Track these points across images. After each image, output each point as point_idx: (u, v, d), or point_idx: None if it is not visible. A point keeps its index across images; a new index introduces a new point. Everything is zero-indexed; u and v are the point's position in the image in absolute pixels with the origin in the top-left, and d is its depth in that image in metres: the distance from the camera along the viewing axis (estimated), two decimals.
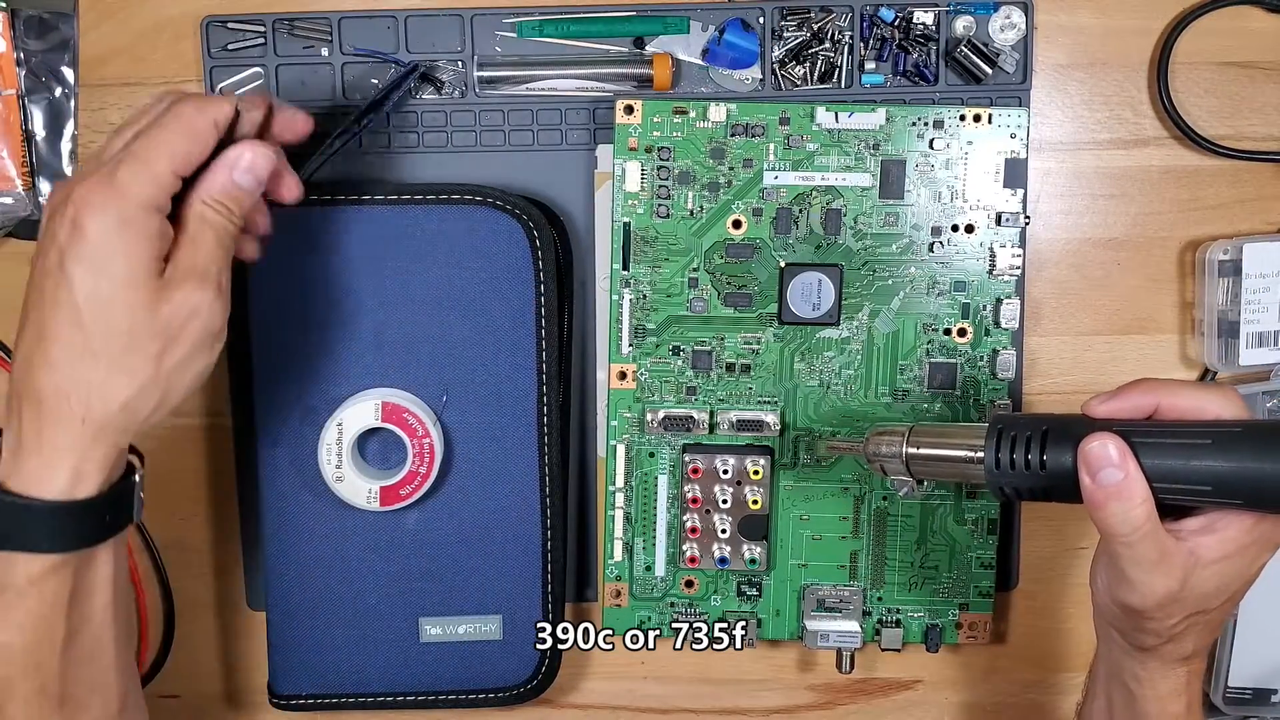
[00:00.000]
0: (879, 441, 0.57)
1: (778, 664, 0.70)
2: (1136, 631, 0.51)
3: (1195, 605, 0.49)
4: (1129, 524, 0.47)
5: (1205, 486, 0.47)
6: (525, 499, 0.64)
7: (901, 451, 0.56)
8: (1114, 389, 0.51)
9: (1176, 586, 0.48)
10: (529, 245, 0.62)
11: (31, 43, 0.65)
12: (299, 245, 0.62)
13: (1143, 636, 0.51)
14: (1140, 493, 0.47)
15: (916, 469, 0.56)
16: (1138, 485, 0.47)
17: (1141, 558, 0.48)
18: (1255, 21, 0.65)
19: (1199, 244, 0.66)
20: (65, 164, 0.66)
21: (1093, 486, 0.48)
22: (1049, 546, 0.69)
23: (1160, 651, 0.52)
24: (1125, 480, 0.47)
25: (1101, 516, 0.48)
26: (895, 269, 0.63)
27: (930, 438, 0.55)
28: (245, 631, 0.70)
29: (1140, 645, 0.52)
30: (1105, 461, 0.47)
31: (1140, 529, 0.47)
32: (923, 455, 0.55)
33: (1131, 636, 0.52)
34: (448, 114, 0.64)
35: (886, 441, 0.56)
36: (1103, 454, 0.48)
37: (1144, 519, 0.47)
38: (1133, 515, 0.47)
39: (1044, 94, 0.65)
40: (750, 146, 0.62)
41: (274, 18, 0.64)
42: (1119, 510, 0.47)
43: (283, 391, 0.63)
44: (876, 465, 0.57)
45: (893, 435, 0.56)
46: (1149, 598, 0.49)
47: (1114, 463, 0.47)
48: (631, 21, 0.64)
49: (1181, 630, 0.50)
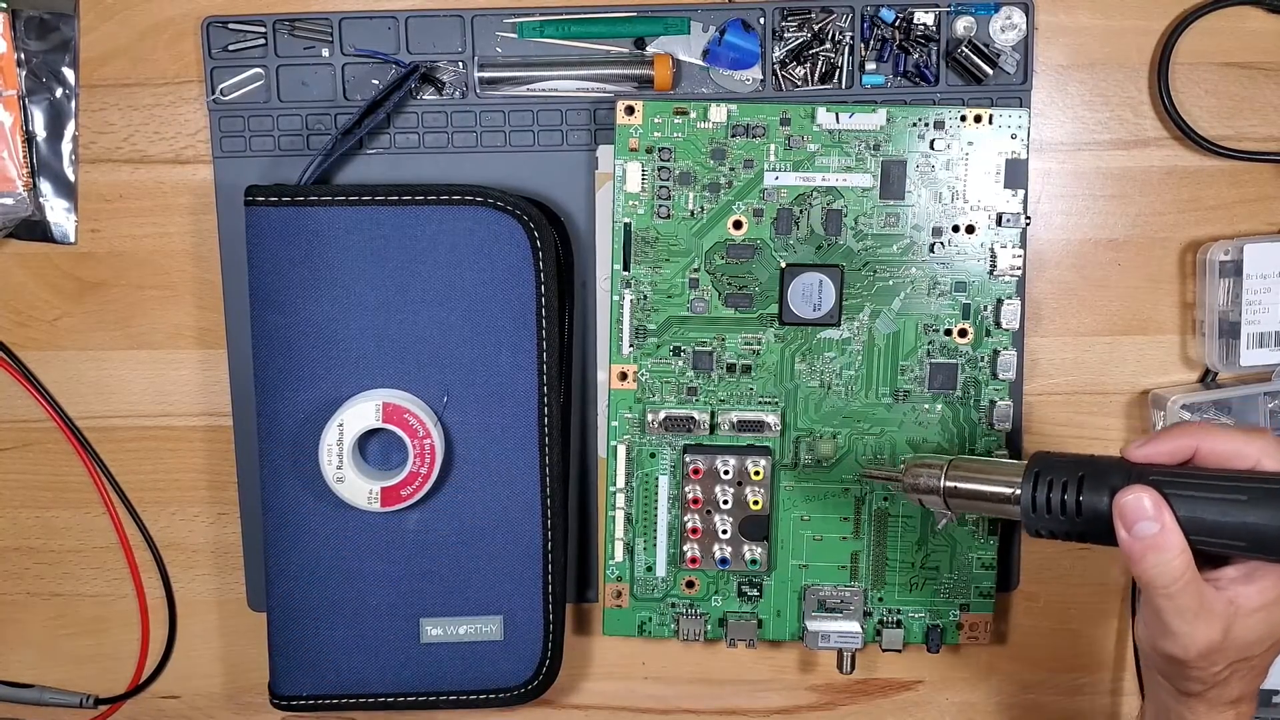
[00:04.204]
0: (917, 474, 0.56)
1: (778, 664, 0.70)
2: (1180, 679, 0.51)
3: (1238, 653, 0.49)
4: (1167, 575, 0.47)
5: (1240, 542, 0.47)
6: (526, 499, 0.64)
7: (940, 485, 0.56)
8: (1152, 433, 0.51)
9: (1219, 636, 0.48)
10: (529, 246, 0.62)
11: (32, 43, 0.65)
12: (300, 245, 0.62)
13: (1187, 684, 0.51)
14: (1177, 544, 0.47)
15: (954, 504, 0.56)
16: (1174, 537, 0.47)
17: (1182, 608, 0.48)
18: (1255, 22, 0.64)
19: (1199, 244, 0.66)
20: (66, 164, 0.66)
21: (1129, 539, 0.48)
22: (1049, 547, 0.69)
23: (1206, 696, 0.51)
24: (1161, 533, 0.47)
25: (1140, 569, 0.48)
26: (896, 269, 0.63)
27: (968, 473, 0.55)
28: (245, 631, 0.70)
29: (1186, 691, 0.52)
30: (1140, 514, 0.47)
31: (1179, 580, 0.47)
32: (961, 490, 0.55)
33: (1177, 683, 0.52)
34: (448, 114, 0.64)
35: (925, 474, 0.56)
36: (1138, 507, 0.47)
37: (1182, 570, 0.47)
38: (1171, 566, 0.47)
39: (1044, 94, 0.65)
40: (751, 147, 0.62)
41: (274, 18, 0.64)
42: (1156, 562, 0.47)
43: (283, 392, 0.63)
44: (914, 498, 0.57)
45: (931, 469, 0.56)
46: (1190, 648, 0.48)
47: (1149, 515, 0.47)
48: (632, 22, 0.64)
49: (1226, 676, 0.50)
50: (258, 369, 0.63)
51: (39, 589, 0.71)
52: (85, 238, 0.67)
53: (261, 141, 0.65)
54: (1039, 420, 0.67)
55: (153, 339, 0.68)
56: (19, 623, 0.71)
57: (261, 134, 0.65)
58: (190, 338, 0.68)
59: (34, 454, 0.69)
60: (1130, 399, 0.67)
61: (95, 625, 0.71)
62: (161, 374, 0.68)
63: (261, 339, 0.62)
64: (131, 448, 0.69)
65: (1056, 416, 0.67)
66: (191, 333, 0.67)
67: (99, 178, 0.66)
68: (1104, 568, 0.69)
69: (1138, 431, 0.67)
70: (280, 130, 0.65)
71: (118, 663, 0.71)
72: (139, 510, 0.69)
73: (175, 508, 0.69)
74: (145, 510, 0.69)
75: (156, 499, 0.69)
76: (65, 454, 0.69)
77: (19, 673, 0.72)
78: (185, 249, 0.67)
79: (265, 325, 0.62)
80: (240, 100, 0.64)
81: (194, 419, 0.68)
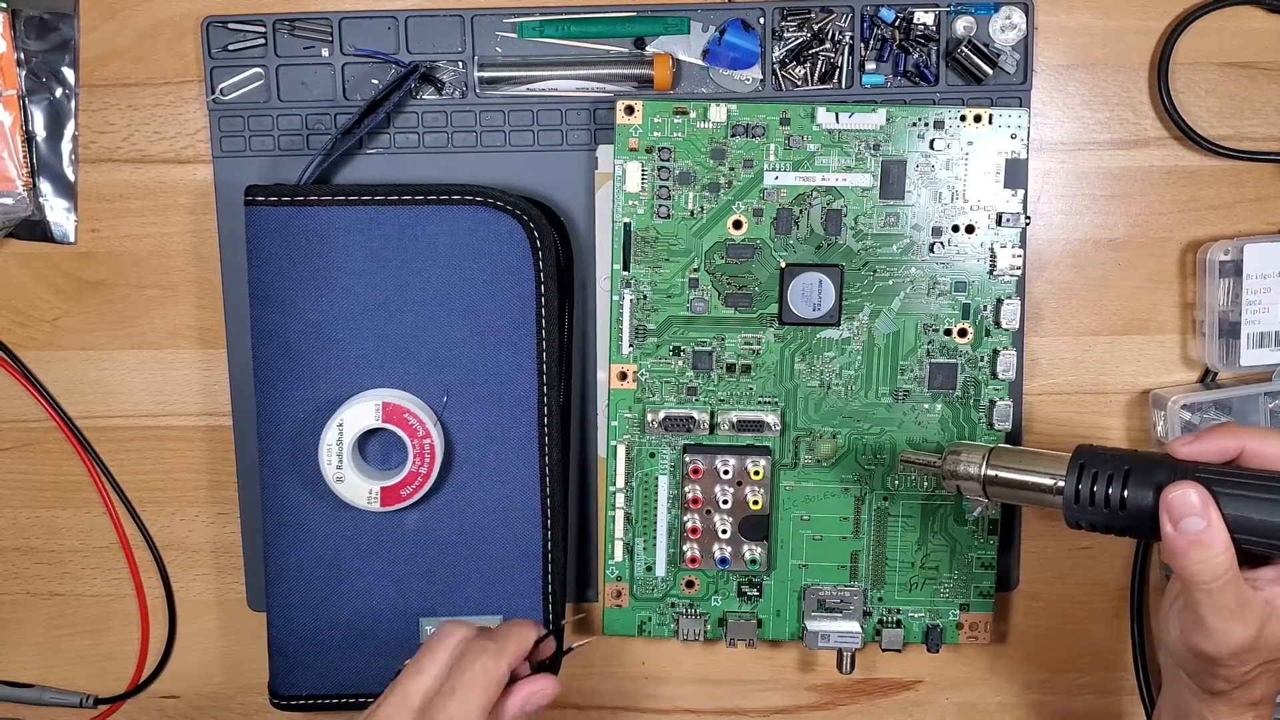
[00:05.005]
0: (956, 461, 0.57)
1: (778, 664, 0.70)
2: (1208, 677, 0.51)
3: (1269, 654, 0.50)
4: (1211, 571, 0.48)
5: None
6: (525, 499, 0.64)
7: (980, 473, 0.56)
8: (1199, 431, 0.51)
9: (1253, 635, 0.49)
10: (529, 245, 0.62)
11: (32, 43, 0.65)
12: (299, 245, 0.62)
13: (1214, 682, 0.51)
14: (1222, 541, 0.48)
15: (993, 492, 0.56)
16: (1219, 534, 0.48)
17: (1221, 605, 0.48)
18: (1255, 22, 0.64)
19: (1199, 244, 0.66)
20: (66, 164, 0.66)
21: (1174, 534, 0.48)
22: (1049, 547, 0.69)
23: (1230, 696, 0.52)
24: (1207, 529, 0.48)
25: (1183, 564, 0.48)
26: (896, 269, 0.63)
27: (1010, 461, 0.56)
28: (245, 631, 0.70)
29: (1210, 690, 0.52)
30: (1188, 510, 0.48)
31: (1221, 577, 0.48)
32: (1001, 479, 0.56)
33: (1202, 681, 0.52)
34: (448, 114, 0.64)
35: (965, 462, 0.57)
36: (1185, 502, 0.48)
37: (1225, 567, 0.48)
38: (1215, 563, 0.48)
39: (1044, 94, 0.65)
40: (751, 147, 0.62)
41: (274, 18, 0.64)
42: (1200, 559, 0.48)
43: (283, 391, 0.63)
44: (953, 485, 0.57)
45: (971, 455, 0.57)
46: (1224, 645, 0.49)
47: (1196, 511, 0.48)
48: (632, 22, 0.64)
49: (1254, 677, 0.50)
50: (257, 369, 0.63)
51: (39, 589, 0.71)
52: (85, 237, 0.67)
53: (261, 141, 0.65)
54: (1039, 420, 0.67)
55: (153, 339, 0.68)
56: (19, 623, 0.71)
57: (261, 134, 0.65)
58: (190, 337, 0.68)
59: (34, 454, 0.69)
60: (1130, 399, 0.67)
61: (95, 625, 0.71)
62: (161, 374, 0.68)
63: (261, 339, 0.62)
64: (131, 448, 0.69)
65: (1056, 416, 0.67)
66: (191, 332, 0.67)
67: (99, 178, 0.66)
68: (1104, 568, 0.69)
69: (1138, 431, 0.67)
70: (280, 130, 0.65)
71: (118, 663, 0.71)
72: (139, 510, 0.69)
73: (175, 508, 0.69)
74: (145, 510, 0.69)
75: (156, 499, 0.69)
76: (65, 454, 0.69)
77: (19, 673, 0.72)
78: (185, 249, 0.67)
79: (265, 325, 0.62)
80: (240, 100, 0.64)
81: (194, 419, 0.68)
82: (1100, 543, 0.68)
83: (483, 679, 0.53)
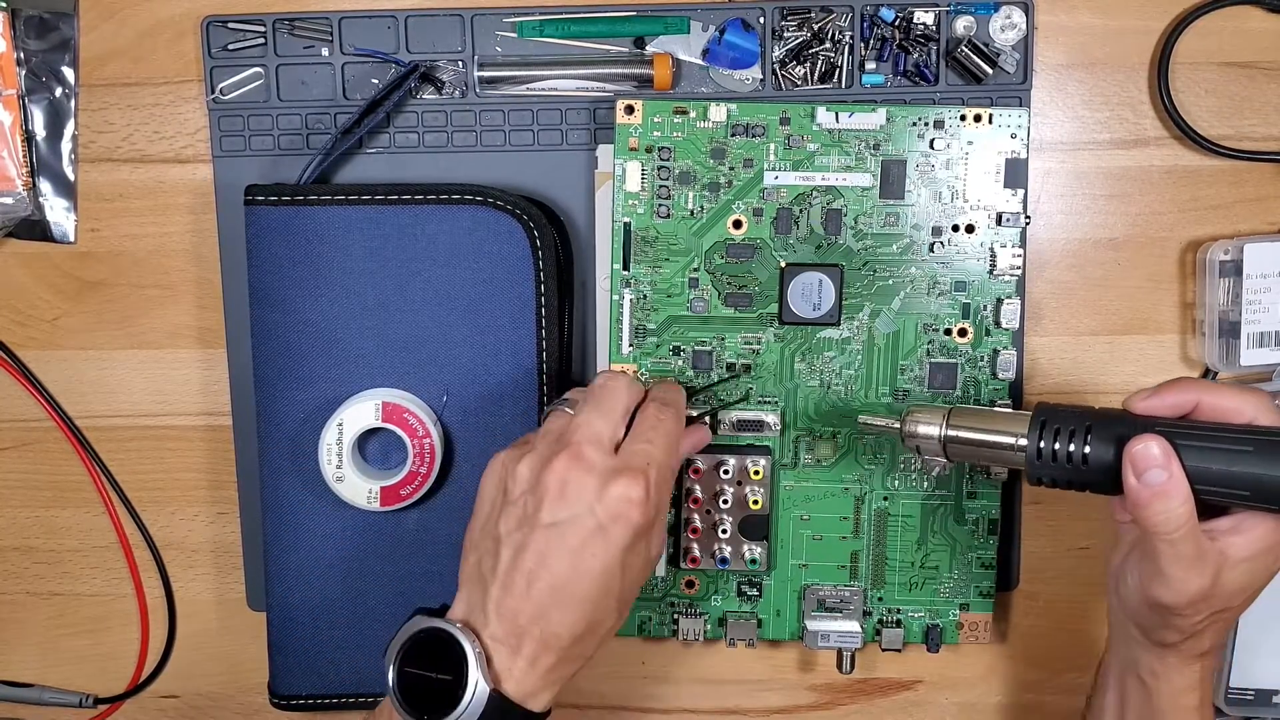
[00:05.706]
0: (916, 420, 0.57)
1: (778, 664, 0.70)
2: (1161, 628, 0.53)
3: (1221, 603, 0.51)
4: (1172, 522, 0.49)
5: (1244, 491, 0.49)
6: None
7: (940, 434, 0.56)
8: (1155, 385, 0.52)
9: (1208, 584, 0.50)
10: (529, 245, 0.62)
11: (32, 43, 0.65)
12: (299, 245, 0.62)
13: (1166, 633, 0.53)
14: (1183, 492, 0.49)
15: (953, 451, 0.56)
16: (1181, 485, 0.49)
17: (1181, 555, 0.50)
18: (1255, 21, 0.64)
19: (1199, 244, 0.66)
20: (65, 164, 0.66)
21: (1138, 486, 0.49)
22: (1049, 546, 0.69)
23: (1180, 647, 0.53)
24: (1169, 480, 0.49)
25: (1146, 515, 0.50)
26: (896, 269, 0.63)
27: (970, 421, 0.56)
28: (245, 631, 0.70)
29: (1162, 641, 0.54)
30: (1151, 462, 0.49)
31: (1183, 527, 0.49)
32: (961, 439, 0.56)
33: (1154, 633, 0.54)
34: (448, 114, 0.64)
35: (924, 421, 0.56)
36: (1148, 455, 0.49)
37: (1186, 517, 0.49)
38: (1177, 514, 0.49)
39: (1044, 94, 0.65)
40: (751, 146, 0.62)
41: (274, 18, 0.64)
42: (1163, 509, 0.49)
43: (283, 391, 0.63)
44: (912, 445, 0.57)
45: (931, 415, 0.56)
46: (1182, 594, 0.50)
47: (1159, 463, 0.49)
48: (632, 22, 0.64)
49: (1204, 627, 0.52)
50: (257, 368, 0.63)
51: (39, 589, 0.71)
52: (85, 237, 0.67)
53: (261, 141, 0.65)
54: None
55: (153, 339, 0.68)
56: (19, 622, 0.71)
57: (261, 133, 0.65)
58: (190, 337, 0.68)
59: (34, 454, 0.69)
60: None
61: (95, 625, 0.71)
62: (161, 374, 0.68)
63: (261, 338, 0.62)
64: (131, 447, 0.69)
65: None
66: (191, 332, 0.67)
67: (99, 177, 0.66)
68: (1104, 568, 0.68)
69: None
70: (280, 130, 0.65)
71: (117, 662, 0.71)
72: (139, 510, 0.69)
73: (175, 507, 0.69)
74: (145, 510, 0.69)
75: (156, 499, 0.69)
76: (65, 454, 0.69)
77: (19, 672, 0.72)
78: (185, 248, 0.67)
79: (265, 325, 0.62)
80: (240, 100, 0.64)
81: (194, 419, 0.68)
82: (1100, 542, 0.68)
83: (676, 434, 0.55)
